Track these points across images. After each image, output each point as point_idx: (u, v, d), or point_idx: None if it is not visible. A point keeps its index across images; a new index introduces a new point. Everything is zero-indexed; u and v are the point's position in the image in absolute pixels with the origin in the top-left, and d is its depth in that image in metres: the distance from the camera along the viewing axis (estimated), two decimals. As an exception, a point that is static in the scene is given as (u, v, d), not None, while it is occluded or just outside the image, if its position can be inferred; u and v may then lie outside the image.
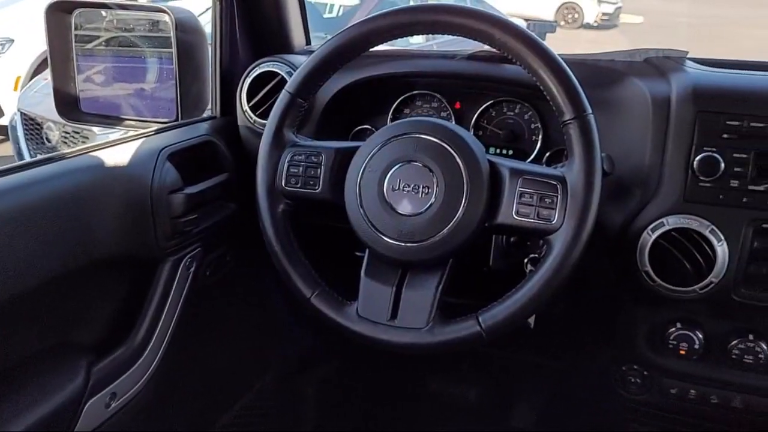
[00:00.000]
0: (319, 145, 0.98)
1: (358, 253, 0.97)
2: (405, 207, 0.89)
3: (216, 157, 1.23)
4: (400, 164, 0.90)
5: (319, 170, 0.96)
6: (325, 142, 0.99)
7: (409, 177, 0.90)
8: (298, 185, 0.96)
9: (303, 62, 0.98)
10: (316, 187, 0.95)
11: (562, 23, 12.41)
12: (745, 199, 0.95)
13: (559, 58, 0.87)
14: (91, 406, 1.01)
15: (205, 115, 1.30)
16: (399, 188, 0.90)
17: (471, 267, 1.06)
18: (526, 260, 1.07)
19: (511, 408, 1.64)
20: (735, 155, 0.95)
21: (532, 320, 1.08)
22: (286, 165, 0.96)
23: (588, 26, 11.98)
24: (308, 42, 1.44)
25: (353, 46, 0.95)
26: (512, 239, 1.09)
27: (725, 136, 0.96)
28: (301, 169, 0.96)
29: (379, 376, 1.68)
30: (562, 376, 1.45)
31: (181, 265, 1.14)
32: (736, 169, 0.95)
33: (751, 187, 0.95)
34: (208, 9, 1.33)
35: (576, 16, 12.41)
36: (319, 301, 0.94)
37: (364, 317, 0.92)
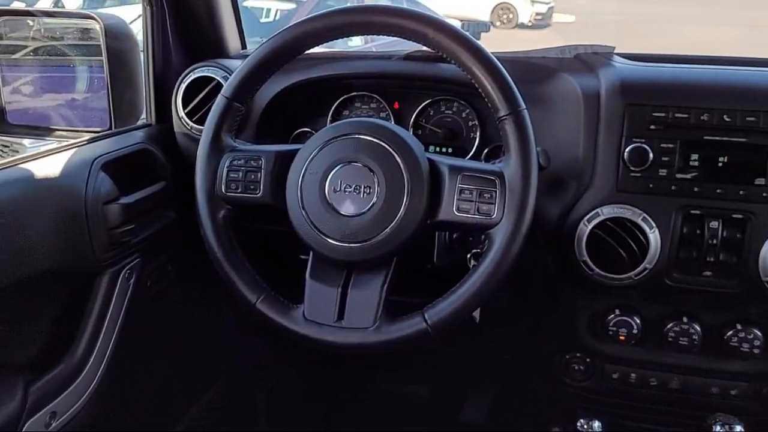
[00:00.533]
0: (259, 149, 0.97)
1: (302, 256, 0.97)
2: (347, 208, 0.89)
3: (152, 166, 1.20)
4: (340, 165, 0.90)
5: (259, 174, 0.95)
6: (265, 146, 0.98)
7: (350, 178, 0.90)
8: (239, 190, 0.95)
9: (238, 66, 0.97)
10: (257, 192, 0.95)
11: (498, 24, 12.63)
12: (673, 187, 0.99)
13: (492, 56, 0.89)
14: (30, 426, 0.97)
15: (139, 122, 1.27)
16: (340, 189, 0.90)
17: (415, 265, 1.07)
18: (469, 255, 1.09)
19: (462, 403, 1.66)
20: (662, 145, 0.99)
21: (477, 314, 1.10)
22: (225, 170, 0.95)
23: (523, 26, 12.23)
24: (244, 46, 1.43)
25: (289, 48, 0.95)
26: (455, 235, 1.10)
27: (652, 127, 0.99)
28: (240, 173, 0.95)
29: (330, 379, 1.68)
30: (510, 368, 1.48)
31: (120, 276, 1.11)
32: (663, 159, 0.99)
33: (678, 176, 0.99)
34: (140, 16, 1.30)
35: (511, 16, 12.65)
36: (265, 305, 0.93)
37: (311, 320, 0.91)
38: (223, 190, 0.95)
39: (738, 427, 1.04)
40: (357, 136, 0.91)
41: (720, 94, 0.99)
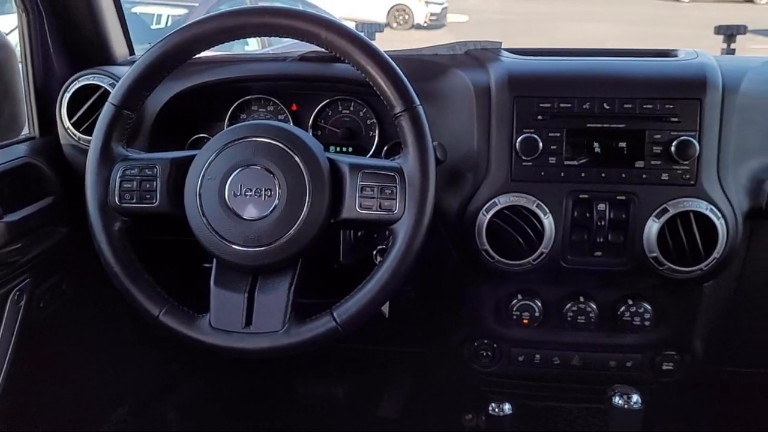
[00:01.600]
0: (153, 157, 0.95)
1: (205, 265, 0.95)
2: (249, 212, 0.89)
3: (39, 180, 1.14)
4: (239, 169, 0.89)
5: (154, 183, 0.92)
6: (159, 154, 0.96)
7: (250, 181, 0.89)
8: (134, 200, 0.92)
9: (126, 72, 0.93)
10: (153, 201, 0.92)
11: (395, 25, 12.80)
12: (562, 174, 1.04)
13: (385, 55, 0.91)
14: None
15: (22, 136, 1.20)
16: (241, 193, 0.89)
17: (322, 265, 1.07)
18: (375, 252, 1.10)
19: (379, 400, 1.68)
20: (550, 134, 1.04)
21: (386, 309, 1.11)
22: (118, 181, 0.92)
23: (419, 27, 12.47)
24: (132, 52, 1.38)
25: (177, 52, 0.92)
26: (360, 233, 1.11)
27: (540, 117, 1.04)
28: (135, 183, 0.92)
29: (244, 388, 1.65)
30: (423, 361, 1.50)
31: (9, 299, 1.05)
32: (552, 147, 1.04)
33: (566, 163, 1.04)
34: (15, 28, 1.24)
35: (407, 17, 12.86)
36: (169, 317, 0.91)
37: (218, 328, 0.90)
38: (117, 202, 0.91)
39: (635, 396, 1.10)
40: (255, 138, 0.90)
41: (599, 84, 1.05)
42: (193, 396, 1.66)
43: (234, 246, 0.88)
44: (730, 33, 1.30)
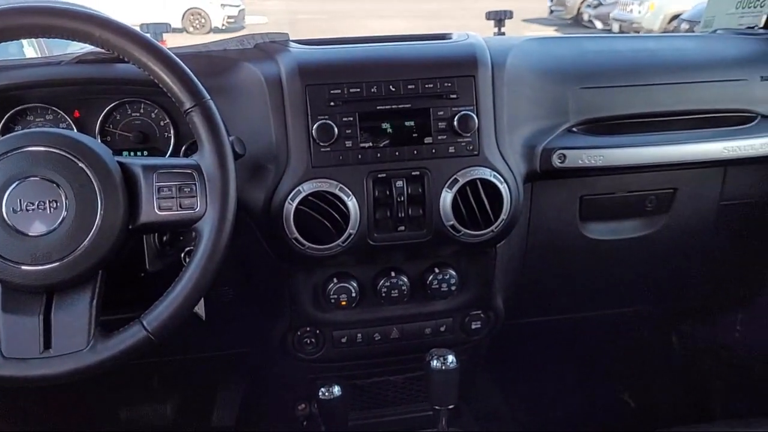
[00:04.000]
0: None
1: None
2: (34, 227, 0.82)
3: None
4: (16, 183, 0.82)
5: None
6: None
7: (30, 194, 0.82)
8: None
9: None
10: None
11: (191, 29, 12.39)
12: (360, 156, 1.08)
13: (167, 51, 0.88)
14: None
15: None
16: (22, 208, 0.82)
17: (129, 275, 1.02)
18: (183, 255, 1.07)
19: (210, 410, 1.63)
20: (344, 119, 1.08)
21: (202, 312, 1.09)
22: None
23: (217, 30, 12.19)
24: None
25: None
26: (165, 237, 1.07)
27: (332, 104, 1.07)
28: None
29: (60, 425, 1.52)
30: (250, 360, 1.49)
31: None
32: (347, 132, 1.08)
33: (362, 145, 1.08)
34: None
35: (203, 21, 12.51)
36: None
37: (12, 357, 0.82)
38: None
39: (450, 357, 1.18)
40: (29, 148, 0.83)
41: (384, 68, 1.11)
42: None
43: (22, 267, 0.81)
44: (498, 18, 1.43)
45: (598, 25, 11.25)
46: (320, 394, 1.25)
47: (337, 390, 1.26)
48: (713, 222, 1.36)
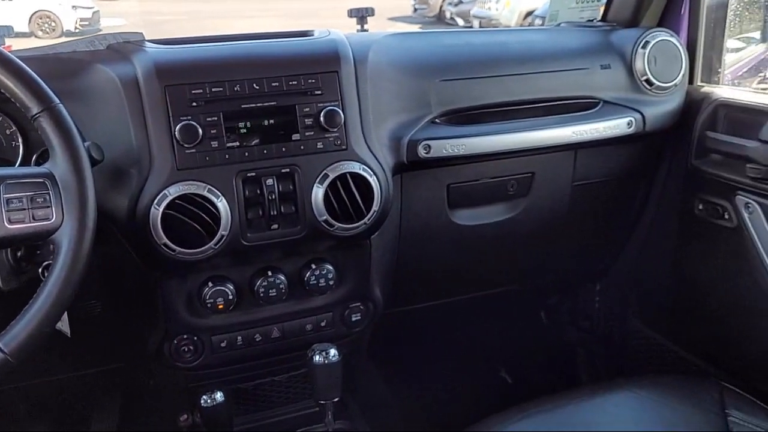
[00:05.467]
0: None
1: None
2: None
3: None
4: None
5: None
6: None
7: None
8: None
9: None
10: None
11: (40, 33, 11.57)
12: (227, 156, 1.06)
13: (8, 54, 0.84)
14: None
15: None
16: None
17: None
18: (41, 269, 1.01)
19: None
20: (208, 119, 1.05)
21: (66, 328, 1.03)
22: None
23: (70, 33, 11.44)
24: None
25: None
26: (20, 252, 1.00)
27: (194, 104, 1.05)
28: None
29: None
30: (126, 376, 1.42)
31: None
32: (212, 132, 1.06)
33: (229, 145, 1.07)
34: None
35: (53, 24, 11.71)
36: None
37: None
38: None
39: (332, 351, 1.19)
40: None
41: (247, 66, 1.10)
42: None
43: None
44: (361, 15, 1.45)
45: (460, 22, 11.70)
46: (202, 402, 1.22)
47: (219, 396, 1.23)
48: (568, 202, 1.46)
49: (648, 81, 1.38)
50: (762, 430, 1.09)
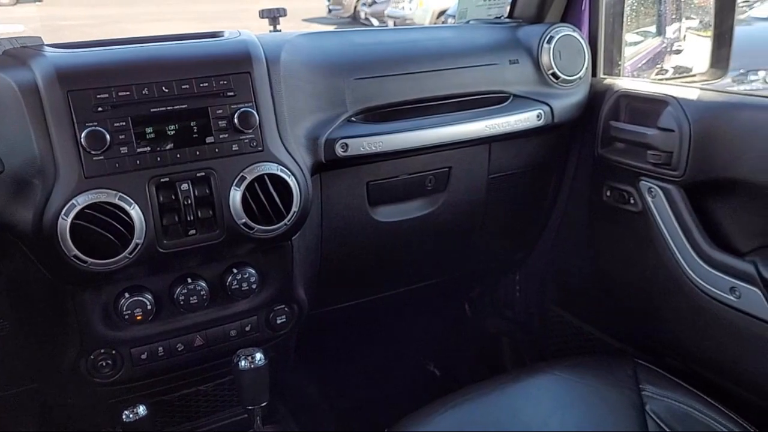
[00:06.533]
0: None
1: None
2: None
3: None
4: None
5: None
6: None
7: None
8: None
9: None
10: None
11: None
12: (138, 162, 1.03)
13: None
14: None
15: None
16: None
17: None
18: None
19: None
20: (116, 125, 1.02)
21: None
22: None
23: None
24: None
25: None
26: None
27: (100, 109, 1.01)
28: None
29: None
30: (40, 397, 1.35)
31: None
32: (120, 137, 1.02)
33: (140, 150, 1.03)
34: None
35: (-56, 31, 11.02)
36: None
37: None
38: None
39: (258, 355, 1.18)
40: None
41: (155, 69, 1.07)
42: None
43: None
44: (273, 16, 1.44)
45: (375, 22, 11.78)
46: (124, 417, 1.18)
47: (142, 410, 1.19)
48: (485, 195, 1.50)
49: (554, 74, 1.43)
50: (672, 401, 1.15)
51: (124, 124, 1.03)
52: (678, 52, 1.83)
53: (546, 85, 1.44)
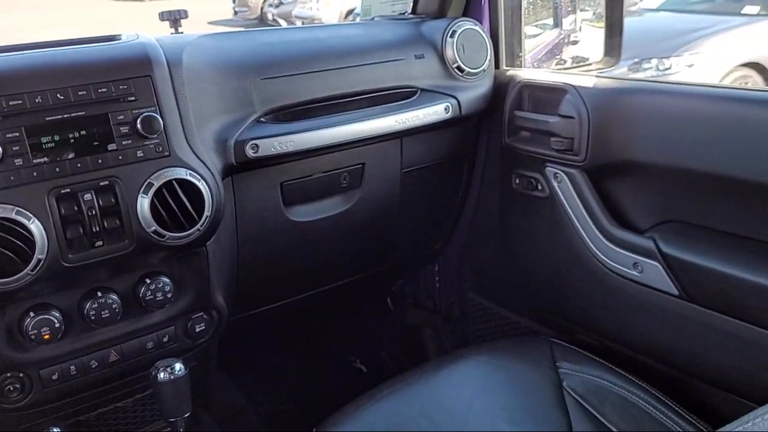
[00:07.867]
0: None
1: None
2: None
3: None
4: None
5: None
6: None
7: None
8: None
9: None
10: None
11: None
12: (35, 174, 0.98)
13: None
14: None
15: None
16: None
17: None
18: None
19: None
20: (8, 136, 0.97)
21: None
22: None
23: None
24: None
25: None
26: None
27: None
28: None
29: None
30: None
31: None
32: (14, 149, 0.97)
33: (36, 161, 0.98)
34: None
35: None
36: None
37: None
38: None
39: (177, 365, 1.14)
40: None
41: (48, 76, 1.02)
42: None
43: None
44: (173, 18, 1.39)
45: (283, 23, 11.67)
46: (37, 442, 1.12)
47: (56, 432, 1.14)
48: (399, 189, 1.52)
49: (459, 68, 1.46)
50: (587, 375, 1.21)
51: (17, 134, 0.97)
52: (575, 42, 1.91)
53: (452, 79, 1.47)
